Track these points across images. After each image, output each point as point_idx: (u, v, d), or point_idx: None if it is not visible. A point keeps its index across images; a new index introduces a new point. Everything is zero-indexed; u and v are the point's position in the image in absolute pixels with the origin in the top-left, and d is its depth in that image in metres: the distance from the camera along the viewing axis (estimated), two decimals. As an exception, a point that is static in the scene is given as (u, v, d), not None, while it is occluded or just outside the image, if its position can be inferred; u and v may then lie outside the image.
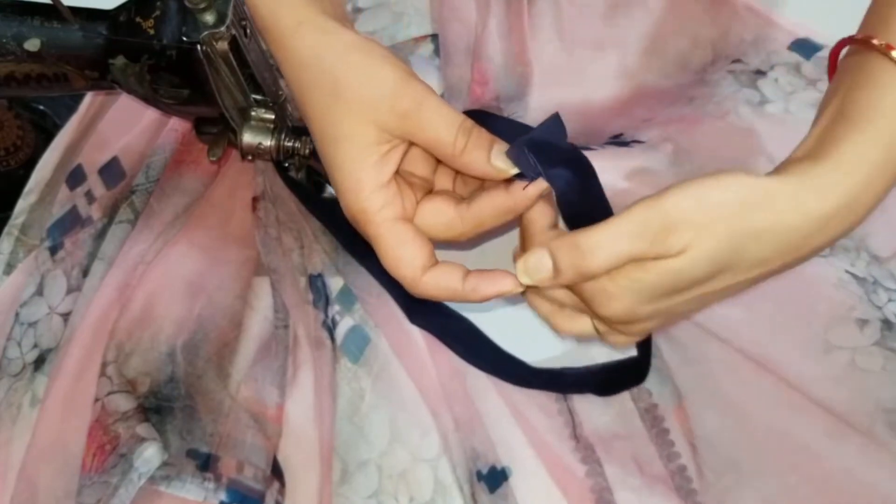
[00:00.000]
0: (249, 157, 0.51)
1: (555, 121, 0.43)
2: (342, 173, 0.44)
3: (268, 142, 0.51)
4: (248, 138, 0.51)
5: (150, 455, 0.54)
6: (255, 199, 0.62)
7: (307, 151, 0.51)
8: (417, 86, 0.43)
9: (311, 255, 0.61)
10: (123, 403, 0.56)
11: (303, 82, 0.44)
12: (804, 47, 0.63)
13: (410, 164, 0.47)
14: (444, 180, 0.49)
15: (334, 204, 0.48)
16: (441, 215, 0.46)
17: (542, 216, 0.45)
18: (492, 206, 0.45)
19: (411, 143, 0.45)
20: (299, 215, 0.62)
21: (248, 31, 0.47)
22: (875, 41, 0.42)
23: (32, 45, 0.49)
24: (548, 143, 0.43)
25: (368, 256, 0.56)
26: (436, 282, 0.44)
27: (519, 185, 0.43)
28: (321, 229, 0.61)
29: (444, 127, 0.43)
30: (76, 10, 0.48)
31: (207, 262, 0.61)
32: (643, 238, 0.39)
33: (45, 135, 0.74)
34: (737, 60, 0.64)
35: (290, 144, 0.52)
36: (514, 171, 0.43)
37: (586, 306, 0.43)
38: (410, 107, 0.42)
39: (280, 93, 0.50)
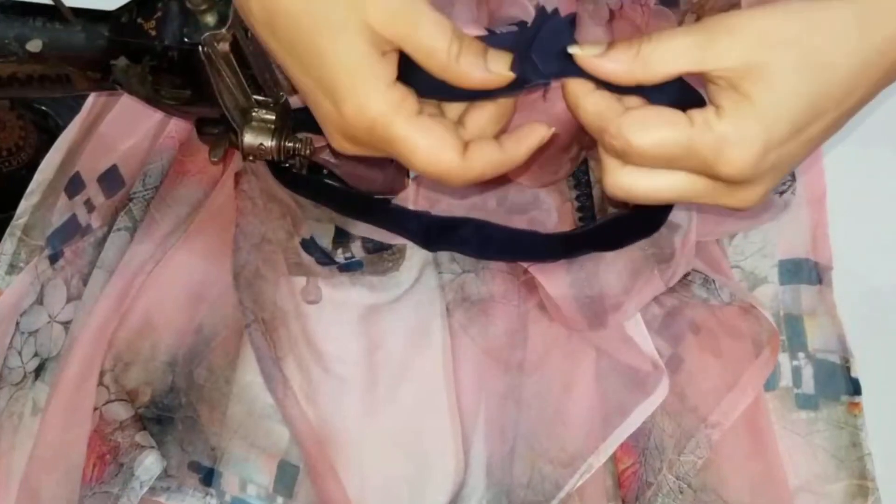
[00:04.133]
0: (250, 158, 0.53)
1: (559, 20, 0.42)
2: (349, 74, 0.40)
3: (269, 142, 0.52)
4: (249, 139, 0.52)
5: (150, 463, 0.57)
6: (237, 175, 0.64)
7: (308, 152, 0.53)
8: None
9: (300, 224, 0.63)
10: (121, 412, 0.59)
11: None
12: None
13: None
14: None
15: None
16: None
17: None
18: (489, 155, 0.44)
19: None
20: (284, 190, 0.64)
21: (249, 32, 0.49)
22: None
23: (34, 45, 0.51)
24: (555, 44, 0.42)
25: (372, 213, 0.59)
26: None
27: (513, 137, 0.43)
28: (310, 203, 0.64)
29: (438, 32, 0.40)
30: (78, 11, 0.51)
31: (208, 270, 0.63)
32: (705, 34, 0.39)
33: (48, 135, 0.75)
34: None
35: (290, 145, 0.53)
36: (512, 75, 0.42)
37: (699, 165, 0.41)
38: (400, 7, 0.40)
39: (281, 94, 0.52)
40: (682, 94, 0.41)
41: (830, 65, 0.39)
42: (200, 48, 0.48)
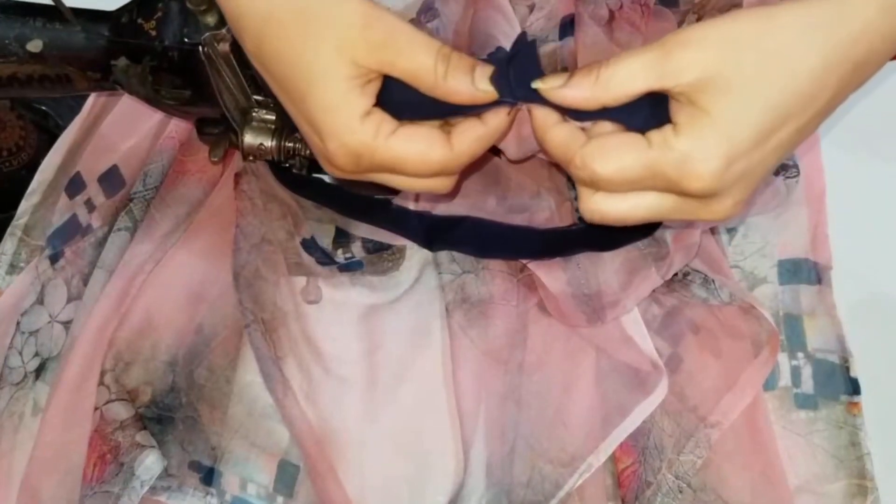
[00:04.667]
0: (251, 158, 0.53)
1: (528, 46, 0.44)
2: (328, 113, 0.43)
3: (269, 142, 0.52)
4: (250, 139, 0.52)
5: (150, 462, 0.57)
6: (237, 175, 0.65)
7: (308, 152, 0.53)
8: (387, 15, 0.42)
9: (301, 224, 0.63)
10: (122, 412, 0.59)
11: (265, 35, 0.43)
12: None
13: None
14: None
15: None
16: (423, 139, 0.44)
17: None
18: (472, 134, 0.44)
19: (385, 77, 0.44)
20: (284, 191, 0.65)
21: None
22: None
23: (35, 46, 0.51)
24: (527, 65, 0.44)
25: (373, 213, 0.60)
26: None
27: (494, 110, 0.44)
28: (311, 203, 0.64)
29: (423, 53, 0.42)
30: (78, 12, 0.51)
31: (208, 270, 0.64)
32: (660, 51, 0.40)
33: (48, 136, 0.76)
34: None
35: (290, 145, 0.53)
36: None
37: (665, 184, 0.42)
38: (383, 37, 0.42)
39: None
40: (654, 110, 0.42)
41: (792, 68, 0.39)
42: (201, 48, 0.49)
